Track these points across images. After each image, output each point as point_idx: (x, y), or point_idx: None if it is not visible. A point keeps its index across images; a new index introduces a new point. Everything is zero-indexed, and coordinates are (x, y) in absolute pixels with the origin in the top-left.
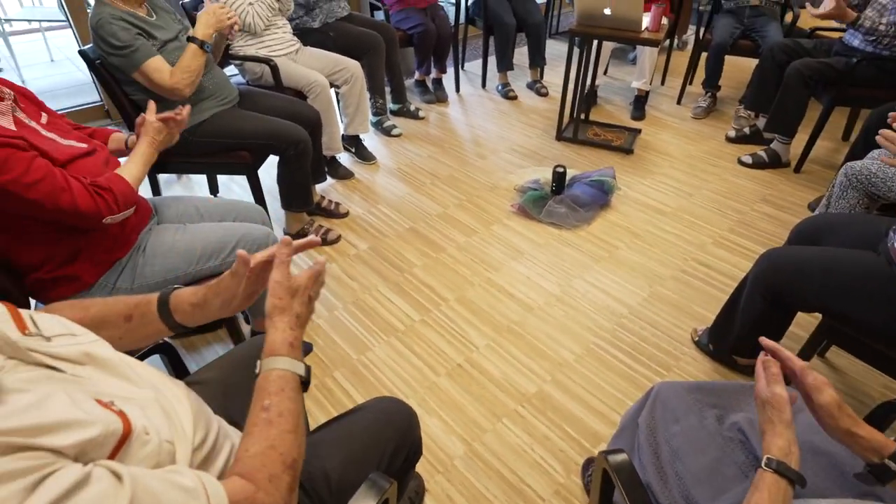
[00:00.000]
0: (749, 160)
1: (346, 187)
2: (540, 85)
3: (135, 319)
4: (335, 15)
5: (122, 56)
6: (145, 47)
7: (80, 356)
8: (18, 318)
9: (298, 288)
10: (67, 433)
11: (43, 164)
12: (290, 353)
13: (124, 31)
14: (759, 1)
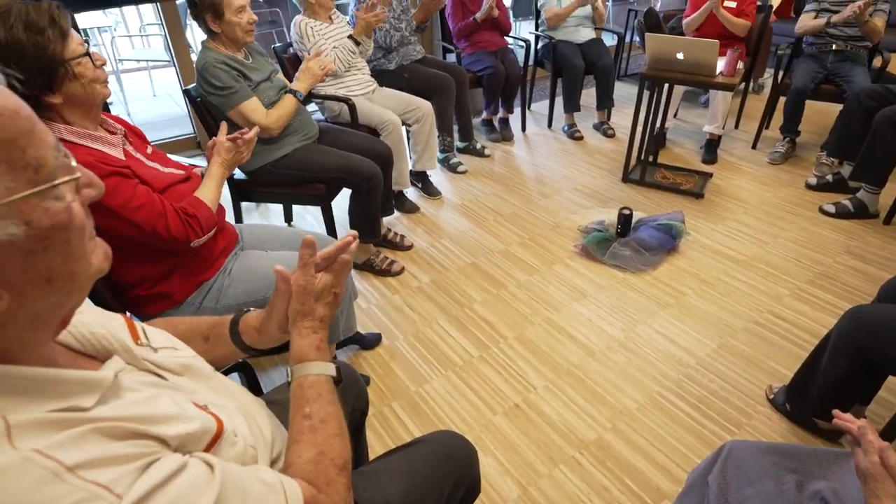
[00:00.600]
0: (832, 209)
1: (411, 221)
2: (607, 126)
3: (211, 340)
4: (410, 58)
5: (222, 96)
6: (244, 89)
7: (180, 367)
8: (133, 329)
9: (322, 290)
10: (172, 425)
11: (144, 191)
12: (319, 357)
13: (225, 74)
14: (844, 45)
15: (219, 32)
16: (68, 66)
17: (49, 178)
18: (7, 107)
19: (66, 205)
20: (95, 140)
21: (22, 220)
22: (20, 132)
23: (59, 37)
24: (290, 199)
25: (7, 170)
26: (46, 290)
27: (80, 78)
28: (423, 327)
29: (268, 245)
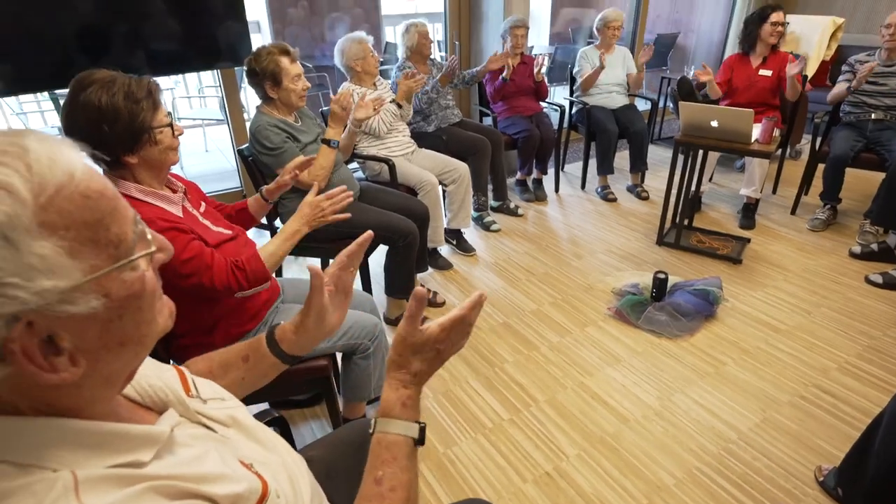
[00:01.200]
0: (879, 279)
1: (444, 277)
2: (641, 189)
3: (251, 359)
4: (448, 121)
5: (272, 156)
6: (291, 150)
7: (227, 419)
8: (184, 381)
9: (425, 343)
10: (223, 485)
11: (197, 245)
12: (404, 414)
13: (277, 136)
14: (884, 115)
15: (275, 98)
16: (152, 133)
17: (128, 252)
18: (96, 189)
19: (141, 274)
20: (159, 198)
21: (102, 293)
22: (106, 212)
23: (152, 107)
24: (328, 254)
25: (93, 248)
26: (119, 352)
27: (159, 144)
28: (453, 386)
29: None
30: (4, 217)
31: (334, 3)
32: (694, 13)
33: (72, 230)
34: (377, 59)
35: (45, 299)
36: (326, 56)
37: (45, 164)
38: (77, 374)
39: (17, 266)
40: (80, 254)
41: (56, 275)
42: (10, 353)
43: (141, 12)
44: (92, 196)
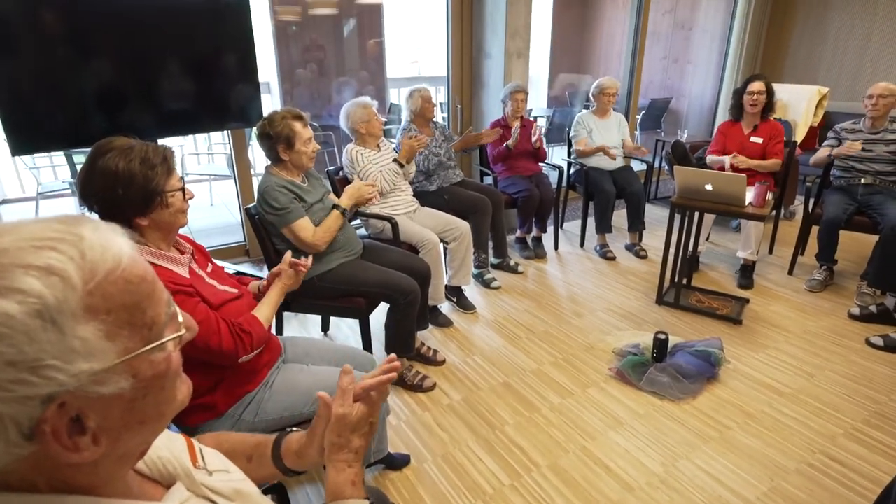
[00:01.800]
0: (880, 342)
1: (444, 335)
2: (639, 248)
3: (254, 461)
4: (450, 180)
5: (278, 215)
6: (297, 210)
7: (232, 492)
8: (192, 451)
9: (359, 421)
10: None
11: (203, 308)
12: (354, 493)
13: (284, 196)
14: (874, 179)
15: (286, 160)
16: (164, 196)
17: (159, 334)
18: (138, 274)
19: (168, 355)
20: (167, 260)
21: (131, 374)
22: (144, 295)
23: (166, 172)
24: (329, 312)
25: (129, 330)
26: (139, 430)
27: (170, 207)
28: (452, 449)
29: (308, 358)
30: (55, 301)
31: (342, 65)
32: (685, 79)
33: (112, 314)
34: (381, 122)
35: (80, 381)
36: (332, 116)
37: (98, 252)
38: (98, 454)
39: (60, 349)
40: (117, 336)
41: (94, 357)
42: (41, 432)
43: (157, 74)
44: (134, 281)
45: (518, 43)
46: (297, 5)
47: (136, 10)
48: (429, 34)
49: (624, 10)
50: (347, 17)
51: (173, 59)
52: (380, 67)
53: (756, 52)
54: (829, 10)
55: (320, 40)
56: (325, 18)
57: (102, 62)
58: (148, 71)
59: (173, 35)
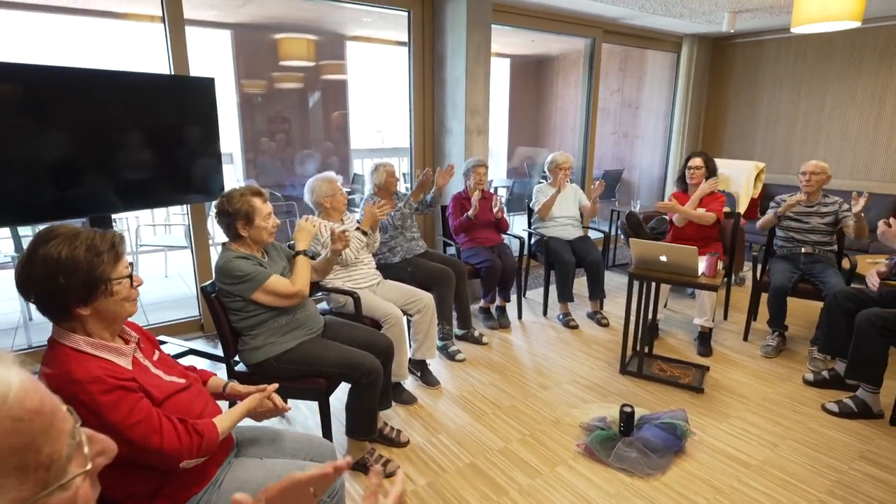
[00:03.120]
0: (835, 408)
1: (408, 413)
2: (600, 316)
3: None
4: (413, 252)
5: (247, 281)
6: (264, 272)
7: None
8: None
9: None
10: None
11: (145, 405)
12: None
13: (246, 263)
14: (812, 249)
15: (245, 236)
16: (109, 284)
17: (59, 473)
18: (31, 408)
19: (74, 492)
20: (109, 351)
21: None
22: (38, 432)
23: (113, 260)
24: (289, 394)
25: (18, 477)
26: None
27: (115, 295)
28: None
29: (263, 450)
30: None
31: (306, 136)
32: (635, 153)
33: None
34: (345, 196)
35: None
36: (296, 187)
37: None
38: None
39: None
40: (2, 487)
41: None
42: None
43: (117, 148)
44: (25, 418)
45: (477, 120)
46: (262, 79)
47: (94, 83)
48: (392, 106)
49: (575, 88)
50: (313, 90)
51: (134, 133)
52: (344, 138)
53: (697, 129)
54: (758, 92)
55: (285, 112)
56: (290, 91)
57: (59, 135)
58: (106, 144)
59: (135, 108)
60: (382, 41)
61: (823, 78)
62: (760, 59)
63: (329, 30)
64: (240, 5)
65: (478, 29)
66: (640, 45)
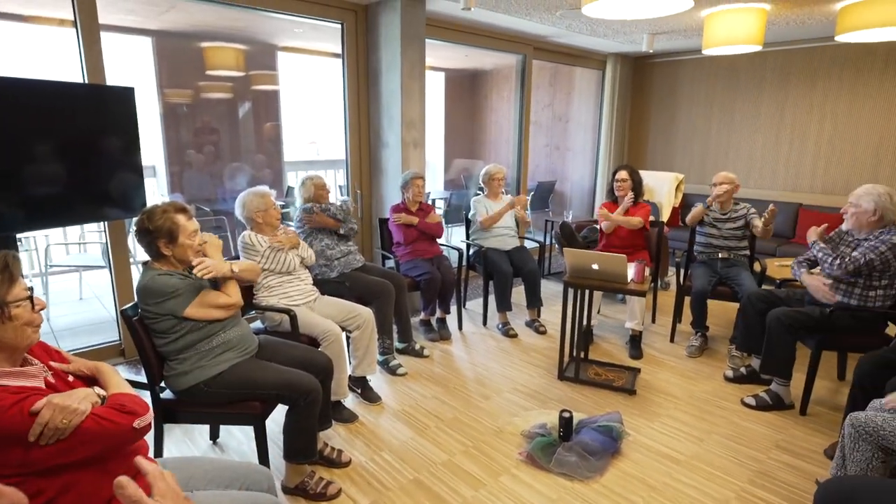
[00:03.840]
0: (752, 402)
1: (349, 431)
2: (538, 324)
3: None
4: (351, 266)
5: (176, 297)
6: (196, 284)
7: None
8: None
9: None
10: None
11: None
12: None
13: (173, 279)
14: (728, 254)
15: (169, 255)
16: (6, 308)
17: None
18: None
19: None
20: (14, 376)
21: None
22: None
23: (7, 280)
24: (221, 420)
25: None
26: None
27: (15, 320)
28: None
29: (193, 482)
30: None
31: (236, 148)
32: (566, 165)
33: None
34: (279, 211)
35: None
36: (226, 200)
37: None
38: None
39: None
40: None
41: None
42: None
43: (23, 159)
44: None
45: (414, 133)
46: (187, 88)
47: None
48: (327, 118)
49: (509, 102)
50: (243, 101)
51: (44, 145)
52: (277, 150)
53: (623, 142)
54: (676, 108)
55: (214, 122)
56: (218, 101)
57: None
58: (12, 157)
59: (45, 119)
60: (316, 52)
61: (732, 96)
62: (677, 78)
63: (259, 40)
64: (162, 12)
65: (412, 44)
66: (568, 62)
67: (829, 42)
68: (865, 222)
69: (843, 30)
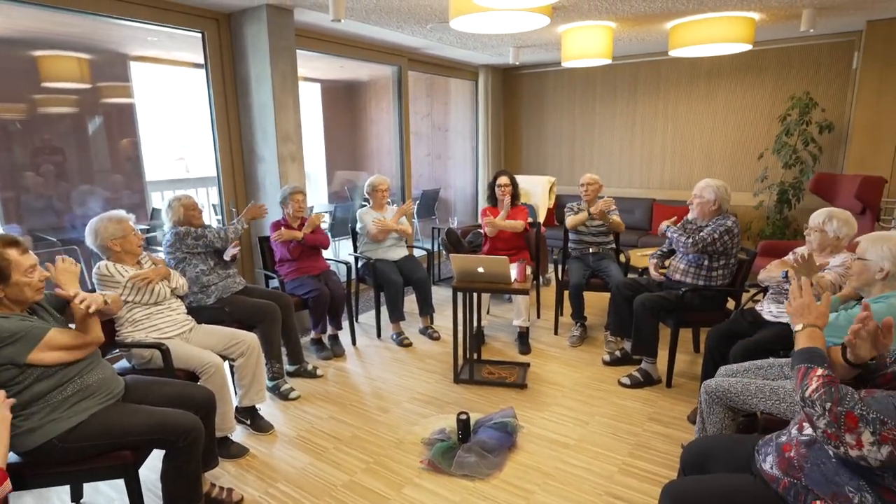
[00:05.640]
0: (627, 381)
1: (239, 467)
2: (432, 330)
3: None
4: (230, 290)
5: (16, 342)
6: (40, 326)
7: None
8: None
9: None
10: None
11: None
12: None
13: (10, 322)
14: (598, 248)
15: (2, 297)
16: None
17: None
18: None
19: None
20: None
21: None
22: None
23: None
24: (83, 478)
25: None
26: None
27: None
28: None
29: None
30: None
31: (87, 168)
32: (448, 172)
33: None
34: (140, 237)
35: None
36: (77, 228)
37: None
38: None
39: None
40: None
41: None
42: None
43: None
44: None
45: (290, 147)
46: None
47: None
48: (195, 133)
49: (388, 113)
50: (91, 116)
51: None
52: (136, 169)
53: (499, 149)
54: (544, 117)
55: (55, 140)
56: (60, 117)
57: None
58: None
59: None
60: (175, 62)
61: (591, 104)
62: (544, 88)
63: (106, 48)
64: None
65: (282, 56)
66: (443, 73)
67: (666, 57)
68: (708, 211)
69: (674, 46)
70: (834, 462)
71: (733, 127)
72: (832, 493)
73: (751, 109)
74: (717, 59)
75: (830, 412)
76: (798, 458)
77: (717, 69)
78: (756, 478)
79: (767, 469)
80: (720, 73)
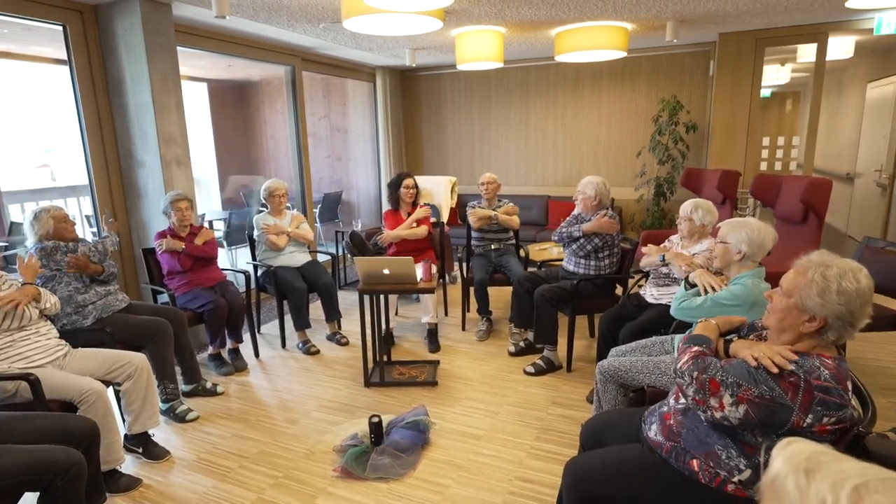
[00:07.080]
0: (532, 370)
1: (132, 500)
2: (339, 335)
3: None
4: (111, 308)
5: None
6: None
7: None
8: None
9: None
10: None
11: None
12: None
13: None
14: (499, 245)
15: None
16: None
17: None
18: None
19: None
20: None
21: None
22: None
23: None
24: None
25: None
26: None
27: None
28: None
29: None
30: None
31: None
32: (350, 175)
33: None
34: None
35: None
36: None
37: None
38: None
39: None
40: None
41: None
42: None
43: None
44: None
45: (175, 150)
46: None
47: None
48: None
49: (282, 114)
50: None
51: None
52: None
53: (400, 150)
54: (443, 117)
55: None
56: None
57: None
58: None
59: None
60: (33, 58)
61: (488, 106)
62: (441, 89)
63: None
64: None
65: (161, 53)
66: (339, 73)
67: (553, 62)
68: (590, 206)
69: (559, 51)
70: (705, 426)
71: (616, 127)
72: (705, 452)
73: (629, 111)
74: (598, 64)
75: (696, 380)
76: (676, 425)
77: (598, 74)
78: (643, 445)
79: (652, 436)
80: (602, 78)
